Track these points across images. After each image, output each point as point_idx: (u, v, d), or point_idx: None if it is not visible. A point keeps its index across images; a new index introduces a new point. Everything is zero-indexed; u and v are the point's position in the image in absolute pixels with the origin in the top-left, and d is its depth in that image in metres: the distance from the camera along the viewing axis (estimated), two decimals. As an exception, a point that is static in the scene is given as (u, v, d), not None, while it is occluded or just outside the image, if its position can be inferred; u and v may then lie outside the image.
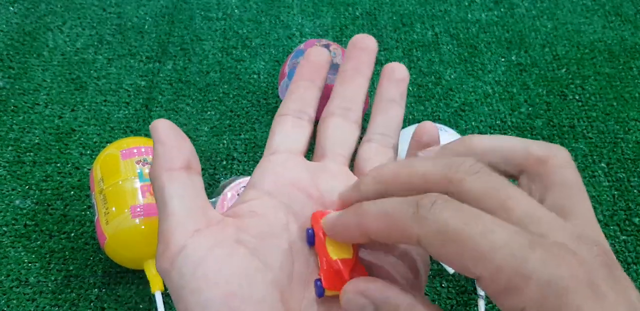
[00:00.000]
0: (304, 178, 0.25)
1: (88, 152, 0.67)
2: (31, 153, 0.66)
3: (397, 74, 0.27)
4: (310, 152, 0.52)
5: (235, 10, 0.85)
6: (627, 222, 0.64)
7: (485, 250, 0.16)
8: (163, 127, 0.23)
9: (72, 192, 0.63)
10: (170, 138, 0.23)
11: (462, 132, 0.71)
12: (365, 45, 0.28)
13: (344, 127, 0.27)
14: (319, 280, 0.22)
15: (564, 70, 0.79)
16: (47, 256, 0.58)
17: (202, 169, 0.66)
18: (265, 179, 0.25)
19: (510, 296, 0.16)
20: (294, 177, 0.25)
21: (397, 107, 0.27)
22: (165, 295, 0.53)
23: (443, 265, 0.59)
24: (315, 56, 0.28)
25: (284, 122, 0.26)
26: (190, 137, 0.69)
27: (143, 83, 0.74)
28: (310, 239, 0.23)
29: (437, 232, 0.17)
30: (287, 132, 0.26)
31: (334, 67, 0.66)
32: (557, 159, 0.20)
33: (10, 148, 0.66)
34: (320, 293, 0.22)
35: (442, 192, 0.18)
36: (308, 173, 0.25)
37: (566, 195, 0.19)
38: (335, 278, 0.21)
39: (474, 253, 0.16)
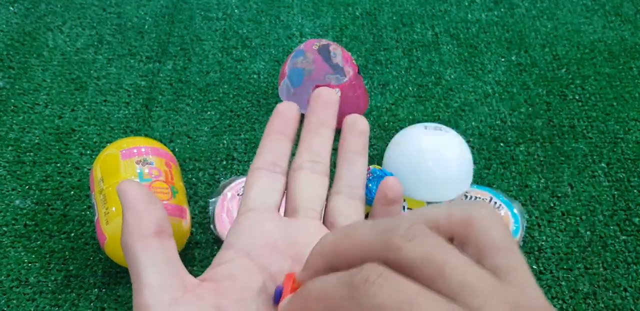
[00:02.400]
0: (280, 237, 0.26)
1: (88, 152, 0.67)
2: (31, 153, 0.66)
3: (359, 126, 0.29)
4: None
5: (235, 10, 0.85)
6: (627, 222, 0.64)
7: None
8: (131, 191, 0.23)
9: (72, 192, 0.63)
10: (139, 203, 0.23)
11: (462, 132, 0.71)
12: (326, 98, 0.29)
13: (313, 180, 0.28)
14: None
15: (564, 70, 0.79)
16: (47, 256, 0.58)
17: (202, 169, 0.66)
18: (241, 239, 0.25)
19: None
20: (270, 237, 0.25)
21: (361, 159, 0.28)
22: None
23: None
24: (285, 110, 0.29)
25: (258, 177, 0.27)
26: (190, 137, 0.69)
27: (143, 83, 0.74)
28: (277, 299, 0.23)
29: None
30: (263, 186, 0.27)
31: (334, 68, 0.66)
32: (479, 218, 0.20)
33: (10, 148, 0.66)
34: None
35: (381, 260, 0.18)
36: (283, 231, 0.26)
37: (497, 255, 0.19)
38: None
39: None
